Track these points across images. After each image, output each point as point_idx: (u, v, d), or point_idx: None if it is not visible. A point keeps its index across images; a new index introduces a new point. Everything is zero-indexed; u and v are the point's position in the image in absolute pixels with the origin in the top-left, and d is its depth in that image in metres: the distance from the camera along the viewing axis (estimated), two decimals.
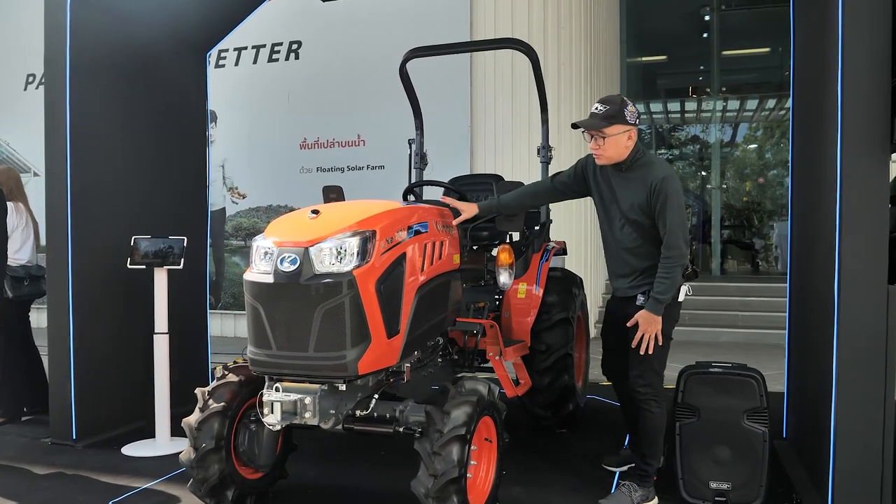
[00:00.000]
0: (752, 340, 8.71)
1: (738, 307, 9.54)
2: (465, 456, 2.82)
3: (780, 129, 17.08)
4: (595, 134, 3.30)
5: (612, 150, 3.30)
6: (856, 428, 3.08)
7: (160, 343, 4.43)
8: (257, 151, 8.81)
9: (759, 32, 14.00)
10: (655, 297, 3.25)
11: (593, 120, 3.29)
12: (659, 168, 3.31)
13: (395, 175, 8.43)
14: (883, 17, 3.02)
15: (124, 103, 4.75)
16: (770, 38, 14.33)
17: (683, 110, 17.46)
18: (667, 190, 3.22)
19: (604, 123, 3.26)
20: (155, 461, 4.15)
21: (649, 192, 3.26)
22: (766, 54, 14.94)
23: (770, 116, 16.94)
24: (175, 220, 5.06)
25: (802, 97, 4.15)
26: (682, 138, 18.33)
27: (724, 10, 12.80)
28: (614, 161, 3.35)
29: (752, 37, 14.10)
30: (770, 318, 9.14)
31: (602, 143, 3.29)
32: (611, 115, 3.26)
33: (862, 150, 3.05)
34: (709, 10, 12.90)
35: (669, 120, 17.62)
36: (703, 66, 14.73)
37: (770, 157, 17.60)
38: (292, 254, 2.81)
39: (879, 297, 3.06)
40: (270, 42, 8.92)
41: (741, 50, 14.25)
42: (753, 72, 15.40)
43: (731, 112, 16.23)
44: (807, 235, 3.92)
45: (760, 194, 17.58)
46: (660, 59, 15.55)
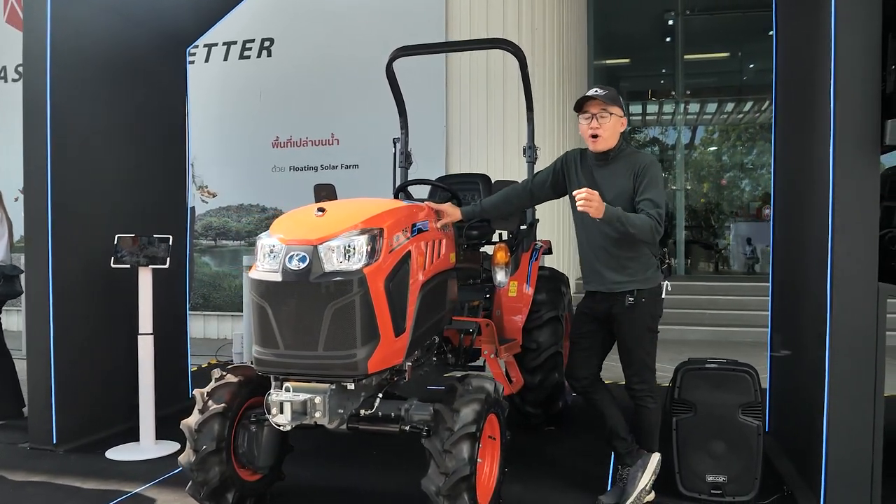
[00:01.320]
0: (719, 338, 8.90)
1: (705, 305, 9.74)
2: (476, 453, 2.83)
3: (736, 132, 17.53)
4: (598, 113, 3.34)
5: (609, 132, 3.36)
6: (848, 421, 3.18)
7: (145, 344, 4.34)
8: (228, 150, 8.66)
9: (721, 38, 14.33)
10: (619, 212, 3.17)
11: (605, 95, 3.35)
12: (644, 156, 3.41)
13: (369, 174, 8.42)
14: (874, 23, 3.13)
15: (105, 98, 4.64)
16: (730, 44, 14.68)
17: (645, 112, 17.76)
18: (652, 172, 3.32)
19: (609, 102, 3.34)
20: (142, 465, 4.06)
21: (635, 174, 3.32)
22: (727, 59, 15.29)
23: (728, 120, 17.34)
24: (155, 219, 4.97)
25: (786, 100, 4.26)
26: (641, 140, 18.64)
27: (688, 15, 13.06)
28: (606, 147, 3.38)
29: (713, 42, 14.42)
30: (736, 315, 9.37)
31: (604, 122, 3.34)
32: (613, 98, 3.36)
33: (854, 151, 3.15)
34: (673, 14, 13.14)
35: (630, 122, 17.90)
36: (666, 70, 15.03)
37: (727, 159, 18.01)
38: (301, 252, 2.78)
39: (870, 294, 3.16)
40: (242, 39, 8.79)
41: (703, 54, 14.55)
42: (714, 76, 15.75)
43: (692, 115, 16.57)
44: (793, 235, 4.03)
45: (718, 196, 17.98)
46: (624, 62, 15.78)
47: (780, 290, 4.39)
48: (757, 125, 16.54)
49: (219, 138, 8.80)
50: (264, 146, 8.74)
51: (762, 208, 14.94)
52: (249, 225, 8.88)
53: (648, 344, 3.44)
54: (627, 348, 3.45)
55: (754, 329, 8.92)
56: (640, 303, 3.37)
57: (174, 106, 5.34)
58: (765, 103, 14.88)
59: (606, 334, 3.54)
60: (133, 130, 4.89)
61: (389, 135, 8.10)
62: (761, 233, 14.18)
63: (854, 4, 3.12)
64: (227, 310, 8.86)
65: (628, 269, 3.38)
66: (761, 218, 14.64)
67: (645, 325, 3.43)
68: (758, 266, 13.70)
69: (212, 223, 8.90)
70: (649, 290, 3.40)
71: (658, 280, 3.45)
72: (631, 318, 3.39)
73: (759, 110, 15.89)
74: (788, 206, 4.16)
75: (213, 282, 8.88)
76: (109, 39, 4.67)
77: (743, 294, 10.06)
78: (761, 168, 16.69)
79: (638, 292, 3.37)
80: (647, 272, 3.41)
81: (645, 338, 3.44)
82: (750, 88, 15.34)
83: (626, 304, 3.37)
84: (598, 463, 3.92)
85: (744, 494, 3.39)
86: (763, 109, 15.49)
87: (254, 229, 8.86)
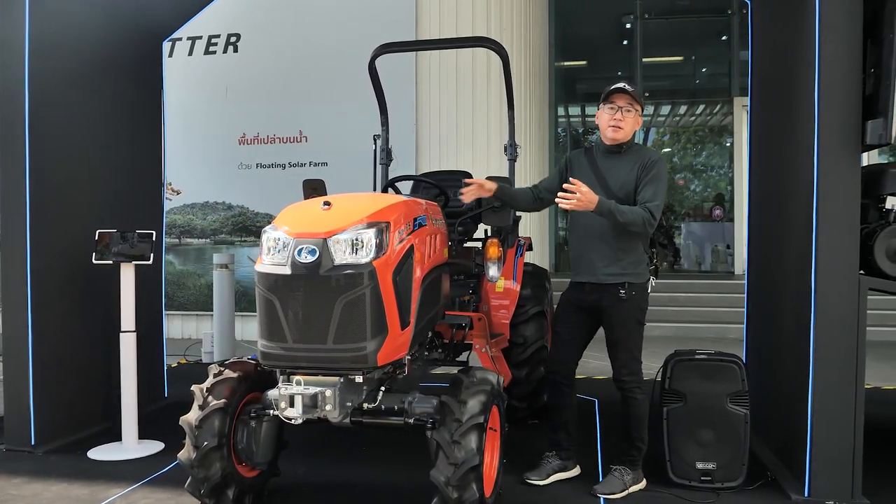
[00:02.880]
0: (681, 335, 9.13)
1: (667, 302, 9.97)
2: (483, 444, 2.87)
3: (686, 135, 17.97)
4: (624, 106, 3.48)
5: (630, 126, 3.52)
6: (832, 408, 3.34)
7: (127, 342, 4.25)
8: (193, 146, 8.50)
9: (676, 41, 14.67)
10: (611, 205, 3.31)
11: (633, 91, 3.49)
12: (653, 152, 3.57)
13: (338, 172, 8.35)
14: (855, 29, 3.29)
15: (83, 91, 4.52)
16: (685, 48, 15.06)
17: None
18: (659, 168, 3.47)
19: (636, 98, 3.50)
20: (127, 465, 3.97)
21: (641, 166, 3.47)
22: (681, 62, 15.67)
23: (680, 122, 17.77)
24: (132, 214, 4.87)
25: (764, 101, 4.42)
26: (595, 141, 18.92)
27: (646, 19, 13.36)
28: (625, 138, 3.53)
29: (670, 45, 14.76)
30: (697, 312, 9.62)
31: (628, 116, 3.49)
32: (639, 96, 3.52)
33: (837, 150, 3.31)
34: (632, 18, 13.42)
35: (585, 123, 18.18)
36: (622, 72, 15.33)
37: (678, 160, 18.45)
38: (311, 245, 2.77)
39: (851, 286, 3.32)
40: (207, 34, 8.65)
41: (659, 58, 14.89)
42: (669, 79, 16.12)
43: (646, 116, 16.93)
44: (771, 231, 4.18)
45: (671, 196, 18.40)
46: (581, 64, 16.03)
47: (756, 284, 4.55)
48: (707, 128, 16.99)
49: (183, 135, 8.62)
50: (230, 143, 8.62)
51: (713, 209, 15.40)
52: (215, 223, 8.74)
53: (637, 336, 3.56)
54: (617, 340, 3.54)
55: (715, 325, 9.21)
56: (630, 296, 3.48)
57: (151, 100, 5.24)
58: (716, 106, 15.29)
59: (590, 326, 3.64)
60: (110, 124, 4.78)
61: (358, 132, 8.11)
62: (713, 233, 14.62)
63: (838, 11, 3.28)
64: (191, 309, 8.70)
65: (621, 262, 3.48)
66: (712, 218, 15.08)
67: (634, 317, 3.53)
68: (711, 265, 14.09)
69: (176, 221, 8.72)
70: (639, 284, 3.51)
71: (647, 275, 3.57)
72: (621, 310, 3.50)
73: (711, 113, 16.32)
74: (766, 204, 4.32)
75: (178, 280, 8.70)
76: (87, 31, 4.56)
77: (701, 291, 10.35)
78: (711, 170, 17.17)
79: (629, 285, 3.48)
80: (639, 267, 3.52)
81: (634, 330, 3.54)
82: (703, 91, 15.75)
83: (618, 296, 3.47)
84: (586, 456, 4.00)
85: (732, 480, 3.51)
86: (715, 112, 15.91)
87: (219, 227, 8.73)
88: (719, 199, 15.44)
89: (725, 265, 13.70)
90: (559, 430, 3.71)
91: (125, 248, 4.23)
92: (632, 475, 3.52)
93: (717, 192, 16.05)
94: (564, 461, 3.71)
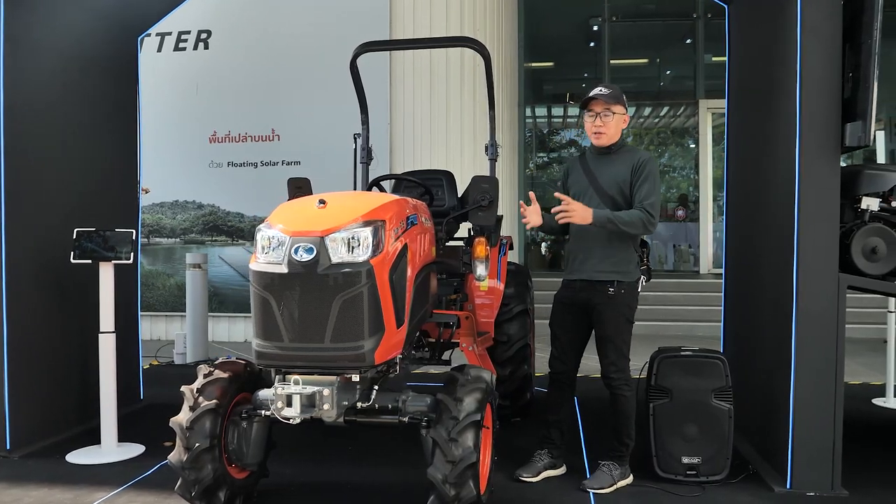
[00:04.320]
0: (651, 333, 9.24)
1: None
2: (480, 441, 2.89)
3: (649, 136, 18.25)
4: (602, 112, 3.53)
5: (613, 129, 3.57)
6: (813, 402, 3.44)
7: (106, 342, 4.16)
8: (162, 144, 8.32)
9: (642, 44, 14.89)
10: (608, 213, 3.43)
11: (608, 95, 3.52)
12: (643, 152, 3.64)
13: (311, 171, 8.23)
14: (836, 32, 3.39)
15: (59, 87, 4.41)
16: (650, 50, 15.28)
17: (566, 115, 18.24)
18: (650, 168, 3.54)
19: (613, 101, 3.54)
20: (108, 468, 3.90)
21: (633, 167, 3.54)
22: (646, 65, 15.91)
23: (644, 124, 18.04)
24: (107, 213, 4.77)
25: (742, 103, 4.52)
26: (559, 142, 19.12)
27: (613, 21, 13.54)
28: (610, 142, 3.59)
29: (635, 48, 14.97)
30: (664, 311, 9.77)
31: (608, 120, 3.55)
32: (617, 97, 3.57)
33: (817, 152, 3.41)
34: (600, 20, 13.59)
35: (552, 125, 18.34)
36: (589, 74, 15.51)
37: None
38: (308, 243, 2.75)
39: (831, 284, 3.43)
40: (177, 30, 8.49)
41: (626, 60, 15.10)
42: (635, 81, 16.35)
43: None
44: (749, 231, 4.28)
45: None
46: (549, 66, 16.17)
47: (734, 282, 4.65)
48: (670, 130, 17.28)
49: (152, 132, 8.40)
50: (201, 141, 8.48)
51: (676, 209, 15.67)
52: (185, 222, 8.60)
53: (626, 334, 3.62)
54: (606, 337, 3.59)
55: (684, 323, 9.39)
56: (619, 294, 3.54)
57: (126, 97, 5.13)
58: (680, 108, 15.56)
59: (586, 326, 3.68)
60: (86, 121, 4.67)
61: (332, 131, 8.08)
62: (677, 233, 14.88)
63: (819, 14, 3.37)
64: (161, 309, 8.55)
65: (612, 259, 3.55)
66: (675, 219, 15.35)
67: (623, 315, 3.59)
68: (674, 264, 14.35)
69: (144, 220, 8.53)
70: (628, 283, 3.57)
71: (637, 275, 3.63)
72: (610, 308, 3.55)
73: (675, 115, 16.61)
74: (744, 204, 4.41)
75: (147, 281, 8.53)
76: (62, 26, 4.45)
77: (668, 290, 10.52)
78: (674, 171, 17.44)
79: (618, 283, 3.54)
80: (629, 266, 3.59)
81: (623, 328, 3.60)
82: (669, 94, 16.00)
83: (607, 293, 3.53)
84: (573, 453, 4.04)
85: (716, 474, 3.59)
86: (678, 114, 16.19)
87: (189, 227, 8.60)
88: (683, 200, 15.73)
89: (688, 264, 13.96)
90: (553, 427, 3.75)
91: (104, 247, 4.15)
92: (619, 470, 3.58)
93: (681, 192, 16.33)
94: (555, 459, 3.75)
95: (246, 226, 8.50)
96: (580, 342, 3.73)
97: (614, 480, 3.54)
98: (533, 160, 16.81)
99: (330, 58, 8.01)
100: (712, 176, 12.94)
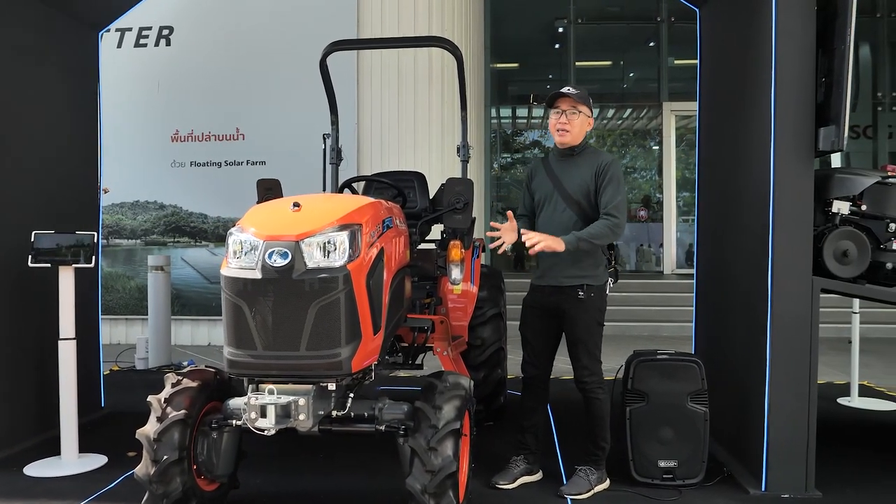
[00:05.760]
0: (617, 333, 9.26)
1: None
2: (459, 450, 2.84)
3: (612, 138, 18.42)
4: (568, 109, 3.50)
5: (577, 128, 3.55)
6: (787, 405, 3.46)
7: (67, 350, 4.00)
8: (122, 143, 8.08)
9: (606, 46, 15.00)
10: (578, 234, 3.41)
11: (577, 94, 3.50)
12: (606, 154, 3.63)
13: (276, 171, 8.09)
14: (809, 37, 3.42)
15: (16, 84, 4.23)
16: (614, 53, 15.41)
17: (530, 116, 18.30)
18: (613, 171, 3.52)
19: (580, 101, 3.52)
20: (69, 481, 3.74)
21: (596, 171, 3.52)
22: (610, 67, 16.05)
23: (608, 125, 18.19)
24: (67, 215, 4.60)
25: (714, 106, 4.53)
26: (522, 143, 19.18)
27: (579, 24, 13.61)
28: (573, 143, 3.57)
29: (600, 50, 15.09)
30: (630, 311, 9.84)
31: (573, 118, 3.52)
32: (584, 98, 3.55)
33: (791, 156, 3.43)
34: (565, 22, 13.65)
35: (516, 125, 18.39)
36: (553, 76, 15.58)
37: None
38: (283, 248, 2.66)
39: (805, 287, 3.45)
40: (137, 26, 8.26)
41: (591, 62, 15.21)
42: (599, 83, 16.48)
43: None
44: (722, 233, 4.30)
45: None
46: (514, 67, 16.20)
47: (705, 284, 4.66)
48: (633, 131, 17.46)
49: (112, 131, 8.17)
50: (163, 140, 8.26)
51: (638, 210, 15.84)
52: (146, 223, 8.38)
53: (597, 336, 3.60)
54: (576, 341, 3.57)
55: (649, 323, 9.46)
56: (589, 297, 3.52)
57: (87, 95, 4.94)
58: (643, 110, 15.73)
59: (556, 330, 3.66)
60: (45, 119, 4.49)
61: (297, 131, 7.96)
62: (639, 233, 15.03)
63: (793, 18, 3.39)
64: (120, 313, 8.31)
65: (581, 264, 3.52)
66: (638, 219, 15.51)
67: (594, 318, 3.57)
68: (636, 264, 14.49)
69: (104, 220, 8.26)
70: (597, 286, 3.55)
71: (605, 277, 3.61)
72: (581, 311, 3.53)
73: (637, 117, 16.78)
74: (716, 206, 4.43)
75: (106, 283, 8.25)
76: (18, 20, 4.27)
77: (632, 291, 10.59)
78: (636, 172, 17.62)
79: (587, 287, 3.52)
80: (597, 269, 3.57)
81: (594, 331, 3.58)
82: (631, 96, 16.16)
83: (576, 297, 3.50)
84: (548, 457, 4.01)
85: (693, 477, 3.59)
86: (641, 116, 16.37)
87: (150, 227, 8.38)
88: (646, 201, 15.90)
89: (650, 264, 14.11)
90: (528, 433, 3.72)
91: (64, 251, 3.98)
92: (596, 475, 3.56)
93: (644, 194, 16.50)
94: (531, 465, 3.71)
95: (209, 227, 8.32)
96: (551, 346, 3.70)
97: (591, 486, 3.52)
98: (497, 161, 16.82)
99: (296, 56, 7.88)
100: (675, 177, 13.11)
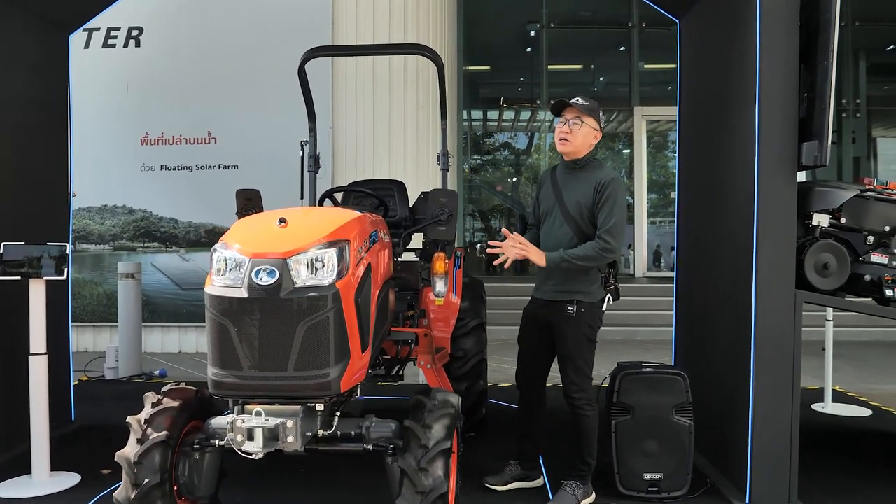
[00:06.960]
0: None
1: None
2: (450, 469, 2.80)
3: None
4: (572, 119, 3.46)
5: (580, 140, 3.50)
6: (771, 418, 3.48)
7: (37, 365, 3.87)
8: (89, 146, 7.85)
9: (577, 51, 15.09)
10: (564, 254, 3.40)
11: (583, 105, 3.47)
12: (607, 171, 3.56)
13: (249, 176, 8.00)
14: (792, 52, 3.44)
15: None
16: (585, 57, 15.50)
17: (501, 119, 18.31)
18: (612, 189, 3.46)
19: (586, 112, 3.48)
20: (41, 502, 3.62)
21: (595, 188, 3.48)
22: (581, 71, 16.14)
23: None
24: (36, 223, 4.46)
25: (695, 115, 4.55)
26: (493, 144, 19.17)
27: (551, 28, 13.67)
28: (575, 154, 3.54)
29: (572, 54, 15.17)
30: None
31: (576, 129, 3.48)
32: (592, 109, 3.51)
33: (775, 171, 3.45)
34: (537, 26, 13.69)
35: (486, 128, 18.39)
36: (525, 79, 15.63)
37: None
38: (270, 266, 2.60)
39: (788, 300, 3.48)
40: (106, 26, 8.05)
41: (563, 65, 15.28)
42: (570, 86, 16.56)
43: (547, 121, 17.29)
44: (703, 244, 4.32)
45: None
46: (485, 70, 16.21)
47: (686, 294, 4.68)
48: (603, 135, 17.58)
49: (79, 133, 7.92)
50: (132, 143, 8.08)
51: None
52: (114, 228, 8.19)
53: (587, 353, 3.58)
54: (566, 356, 3.55)
55: (623, 328, 9.51)
56: (579, 314, 3.50)
57: (56, 99, 4.80)
58: (614, 114, 15.84)
59: (549, 343, 3.64)
60: (13, 124, 4.34)
61: (270, 134, 7.86)
62: None
63: (776, 33, 3.42)
64: (88, 320, 8.11)
65: (573, 280, 3.50)
66: None
67: (584, 334, 3.55)
68: None
69: None
70: (589, 303, 3.53)
71: (601, 294, 3.59)
72: (570, 327, 3.52)
73: (608, 121, 16.89)
74: (697, 215, 4.45)
75: (73, 290, 8.06)
76: None
77: None
78: None
79: (578, 303, 3.50)
80: (591, 286, 3.55)
81: (584, 347, 3.56)
82: (601, 100, 16.20)
83: (566, 313, 3.49)
84: (531, 468, 3.98)
85: (677, 490, 3.60)
86: (611, 120, 16.48)
87: (119, 232, 8.19)
88: None
89: (620, 266, 14.21)
90: (523, 440, 3.73)
91: (34, 263, 3.85)
92: (582, 489, 3.54)
93: None
94: (526, 471, 3.74)
95: (180, 231, 8.16)
96: (545, 358, 3.69)
97: (577, 500, 3.50)
98: (468, 163, 16.81)
99: (269, 58, 7.77)
100: (647, 181, 13.22)
